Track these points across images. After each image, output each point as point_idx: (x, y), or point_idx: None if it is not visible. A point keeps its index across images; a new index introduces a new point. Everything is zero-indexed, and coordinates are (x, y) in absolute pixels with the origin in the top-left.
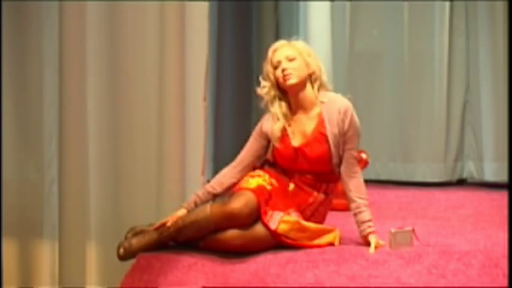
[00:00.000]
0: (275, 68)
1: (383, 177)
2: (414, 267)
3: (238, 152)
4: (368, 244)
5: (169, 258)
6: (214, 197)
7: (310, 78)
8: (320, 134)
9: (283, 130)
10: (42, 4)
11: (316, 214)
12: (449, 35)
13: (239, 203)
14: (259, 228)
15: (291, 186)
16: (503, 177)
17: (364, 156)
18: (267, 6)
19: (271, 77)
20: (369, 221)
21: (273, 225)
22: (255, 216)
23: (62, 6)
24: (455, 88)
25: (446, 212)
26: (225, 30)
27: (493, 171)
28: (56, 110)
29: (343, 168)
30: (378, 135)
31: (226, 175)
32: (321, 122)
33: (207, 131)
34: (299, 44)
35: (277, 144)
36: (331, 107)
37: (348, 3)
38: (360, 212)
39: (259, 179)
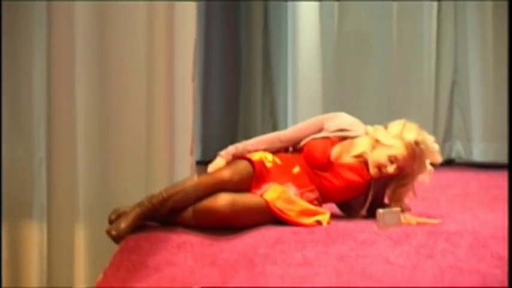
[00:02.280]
0: (391, 160)
1: None
2: (402, 247)
3: (227, 133)
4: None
5: (157, 238)
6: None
7: None
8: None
9: (333, 143)
10: None
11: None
12: (438, 16)
13: (229, 171)
14: (250, 198)
15: (296, 169)
16: (491, 158)
17: None
18: None
19: (383, 153)
20: None
21: (259, 192)
22: (247, 183)
23: None
24: (444, 69)
25: (434, 192)
26: (213, 9)
27: (481, 152)
28: (44, 91)
29: None
30: (366, 116)
31: (267, 142)
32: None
33: (196, 111)
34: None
35: (316, 142)
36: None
37: None
38: None
39: (262, 155)
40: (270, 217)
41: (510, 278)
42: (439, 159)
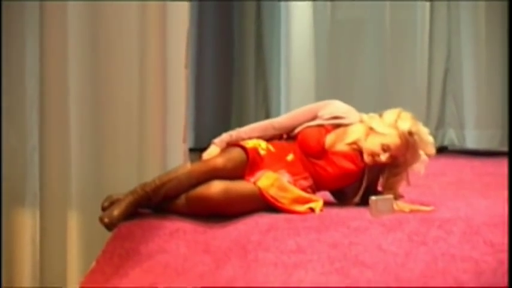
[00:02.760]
0: (384, 148)
1: None
2: (395, 234)
3: (220, 120)
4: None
5: (150, 225)
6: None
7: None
8: (356, 157)
9: (327, 130)
10: None
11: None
12: (431, 3)
13: (222, 158)
14: (244, 185)
15: (290, 156)
16: (484, 145)
17: None
18: None
19: (377, 142)
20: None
21: (252, 179)
22: (241, 170)
23: None
24: (437, 56)
25: (427, 179)
26: None
27: (474, 139)
28: (37, 78)
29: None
30: (359, 103)
31: (261, 130)
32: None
33: (189, 99)
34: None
35: (310, 130)
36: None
37: None
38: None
39: (256, 142)
40: (263, 204)
41: (510, 278)
42: (432, 151)
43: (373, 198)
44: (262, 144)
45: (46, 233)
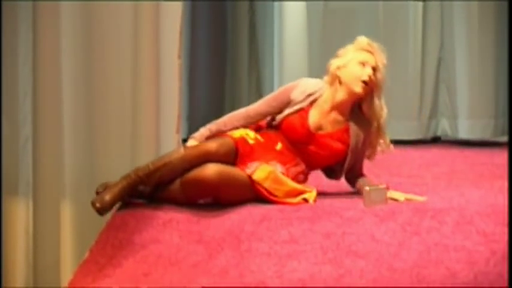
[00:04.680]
0: (363, 64)
1: None
2: (388, 224)
3: (213, 110)
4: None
5: (144, 215)
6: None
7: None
8: (342, 135)
9: (306, 111)
10: None
11: (296, 180)
12: None
13: (215, 143)
14: (237, 170)
15: (279, 145)
16: (477, 135)
17: None
18: None
19: (353, 66)
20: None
21: (248, 171)
22: (232, 158)
23: None
24: (430, 46)
25: (420, 169)
26: None
27: (467, 129)
28: (30, 68)
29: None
30: None
31: (238, 119)
32: (346, 131)
33: (182, 89)
34: (382, 56)
35: (292, 118)
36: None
37: None
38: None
39: (242, 132)
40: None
41: (510, 278)
42: (383, 59)
43: (366, 188)
44: (250, 133)
45: (39, 223)
